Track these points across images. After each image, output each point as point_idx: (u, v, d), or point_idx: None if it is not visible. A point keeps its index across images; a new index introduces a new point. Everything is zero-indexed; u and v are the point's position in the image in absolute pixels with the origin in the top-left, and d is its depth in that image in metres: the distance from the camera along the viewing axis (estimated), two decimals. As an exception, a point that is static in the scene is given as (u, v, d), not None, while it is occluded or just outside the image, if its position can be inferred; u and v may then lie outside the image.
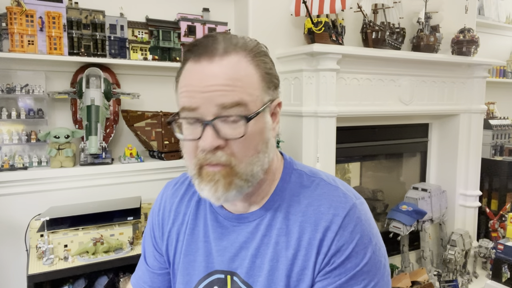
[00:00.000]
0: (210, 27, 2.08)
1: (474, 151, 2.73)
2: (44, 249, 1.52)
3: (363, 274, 0.68)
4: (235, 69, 0.65)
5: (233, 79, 0.65)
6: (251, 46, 0.69)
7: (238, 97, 0.64)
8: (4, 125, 1.76)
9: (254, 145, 0.68)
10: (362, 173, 3.07)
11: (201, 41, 0.68)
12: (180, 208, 0.85)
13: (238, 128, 0.65)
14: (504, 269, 2.44)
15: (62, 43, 1.74)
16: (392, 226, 2.47)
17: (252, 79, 0.67)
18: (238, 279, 0.75)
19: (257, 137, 0.68)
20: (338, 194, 0.73)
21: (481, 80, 2.66)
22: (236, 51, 0.67)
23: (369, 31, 2.25)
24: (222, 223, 0.78)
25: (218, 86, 0.64)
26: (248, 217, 0.76)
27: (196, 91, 0.65)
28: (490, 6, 3.52)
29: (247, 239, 0.75)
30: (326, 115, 1.99)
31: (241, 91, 0.65)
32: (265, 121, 0.70)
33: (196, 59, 0.66)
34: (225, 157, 0.66)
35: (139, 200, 1.79)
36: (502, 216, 2.85)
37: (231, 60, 0.66)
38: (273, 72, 0.73)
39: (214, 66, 0.65)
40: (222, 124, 0.65)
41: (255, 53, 0.69)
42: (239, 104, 0.64)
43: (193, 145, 0.67)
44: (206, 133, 0.64)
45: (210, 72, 0.65)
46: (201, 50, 0.66)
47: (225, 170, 0.66)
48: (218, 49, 0.66)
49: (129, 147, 1.91)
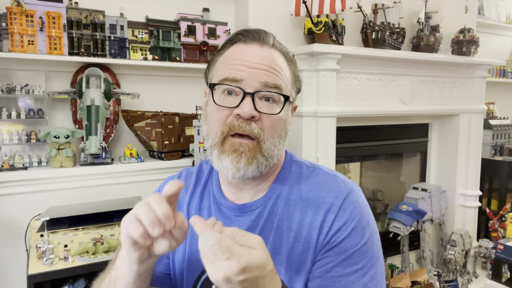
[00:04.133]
0: (210, 27, 2.08)
1: (474, 151, 2.73)
2: (44, 249, 1.52)
3: (361, 254, 0.71)
4: (279, 60, 0.75)
5: (277, 66, 0.74)
6: (287, 51, 0.80)
7: (278, 82, 0.73)
8: (4, 125, 1.76)
9: (280, 129, 0.74)
10: (362, 173, 3.06)
11: (254, 30, 0.77)
12: (184, 199, 0.87)
13: (272, 107, 0.72)
14: (504, 269, 2.44)
15: (62, 43, 1.74)
16: (392, 226, 2.47)
17: (288, 74, 0.77)
18: None
19: (282, 123, 0.75)
20: (337, 181, 0.77)
21: (481, 80, 2.65)
22: (280, 49, 0.78)
23: (369, 31, 2.25)
24: (225, 214, 0.80)
25: (264, 66, 0.72)
26: (251, 207, 0.79)
27: (244, 65, 0.71)
28: (490, 6, 3.52)
29: (250, 227, 0.77)
30: (326, 115, 1.99)
31: (282, 78, 0.74)
32: (288, 115, 0.78)
33: (248, 41, 0.75)
34: (257, 130, 0.71)
35: (139, 200, 1.79)
36: (502, 216, 2.85)
37: (276, 53, 0.76)
38: (299, 77, 0.81)
39: (264, 51, 0.74)
40: (258, 101, 0.72)
41: (289, 57, 0.80)
42: (278, 87, 0.73)
43: (225, 113, 0.72)
44: (246, 102, 0.70)
45: (260, 54, 0.73)
46: (254, 35, 0.75)
47: (252, 144, 0.72)
48: (269, 41, 0.76)
49: (129, 147, 1.91)
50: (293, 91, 0.79)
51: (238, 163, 0.71)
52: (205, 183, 0.87)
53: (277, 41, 0.78)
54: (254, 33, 0.75)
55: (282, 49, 0.78)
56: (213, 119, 0.74)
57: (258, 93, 0.71)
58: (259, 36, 0.75)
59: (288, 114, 0.78)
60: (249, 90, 0.70)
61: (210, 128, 0.75)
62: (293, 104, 0.80)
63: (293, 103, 0.80)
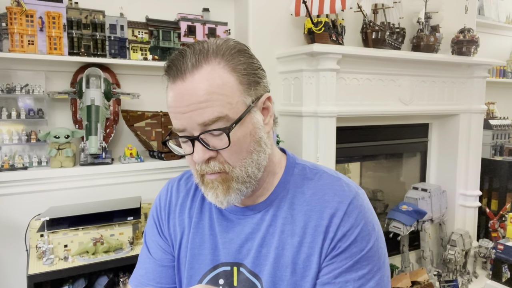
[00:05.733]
0: (210, 27, 2.08)
1: (474, 151, 2.73)
2: (44, 249, 1.52)
3: (368, 259, 0.71)
4: (209, 81, 0.65)
5: (209, 93, 0.65)
6: (223, 50, 0.68)
7: (217, 112, 0.65)
8: (4, 125, 1.76)
9: (245, 148, 0.70)
10: (362, 173, 3.06)
11: (172, 60, 0.68)
12: (185, 202, 0.86)
13: (224, 138, 0.67)
14: (504, 269, 2.44)
15: (62, 43, 1.74)
16: (392, 226, 2.47)
17: (228, 86, 0.67)
18: (245, 270, 0.76)
19: (247, 139, 0.69)
20: (341, 184, 0.76)
21: (481, 80, 2.66)
22: (208, 60, 0.66)
23: (369, 31, 2.25)
24: (228, 217, 0.80)
25: (194, 105, 0.65)
26: (253, 209, 0.78)
27: (178, 112, 0.67)
28: (490, 6, 3.52)
29: (253, 230, 0.76)
30: (326, 115, 1.99)
31: (219, 104, 0.65)
32: (253, 122, 0.70)
33: (172, 80, 0.68)
34: (218, 166, 0.69)
35: (139, 200, 1.79)
36: (502, 216, 2.85)
37: (203, 72, 0.66)
38: (252, 69, 0.71)
39: (187, 84, 0.66)
40: (210, 137, 0.68)
41: (229, 55, 0.68)
42: (219, 118, 0.66)
43: (191, 158, 0.71)
44: (196, 148, 0.68)
45: (185, 92, 0.66)
46: (174, 69, 0.67)
47: (221, 176, 0.71)
48: (188, 65, 0.66)
49: (129, 147, 1.91)
50: (248, 94, 0.69)
51: (217, 197, 0.71)
52: None
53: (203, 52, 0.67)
54: (173, 66, 0.67)
55: (215, 53, 0.67)
56: (188, 163, 0.76)
57: (203, 134, 0.67)
58: (177, 67, 0.67)
59: (253, 120, 0.70)
60: (195, 134, 0.67)
61: (190, 168, 0.77)
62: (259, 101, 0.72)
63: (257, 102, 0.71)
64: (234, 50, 0.69)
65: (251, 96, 0.70)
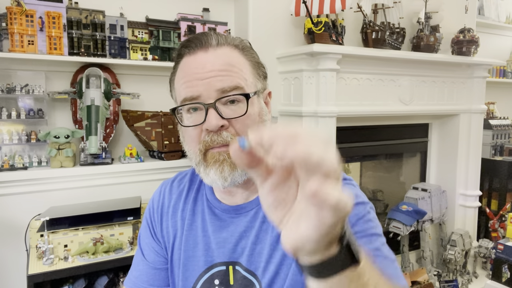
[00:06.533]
0: (210, 27, 2.08)
1: (474, 151, 2.73)
2: (44, 249, 1.52)
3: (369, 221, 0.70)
4: (228, 57, 0.72)
5: (229, 65, 0.70)
6: (238, 41, 0.76)
7: (235, 82, 0.70)
8: (4, 125, 1.76)
9: (256, 124, 0.72)
10: (362, 173, 3.06)
11: (195, 37, 0.73)
12: (178, 204, 0.86)
13: (238, 108, 0.70)
14: (504, 269, 2.44)
15: (62, 43, 1.74)
16: (392, 226, 2.47)
17: (244, 66, 0.73)
18: (240, 268, 0.76)
19: (257, 117, 0.73)
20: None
21: (481, 80, 2.66)
22: (227, 43, 0.73)
23: (369, 31, 2.25)
24: (220, 217, 0.80)
25: (215, 71, 0.69)
26: (245, 208, 0.78)
27: (196, 79, 0.69)
28: (490, 6, 3.52)
29: (246, 228, 0.76)
30: (326, 115, 1.99)
31: (237, 76, 0.70)
32: (261, 106, 0.75)
33: (192, 52, 0.72)
34: (230, 137, 0.69)
35: (139, 200, 1.79)
36: (502, 216, 2.85)
37: (224, 51, 0.72)
38: (261, 62, 0.78)
39: (210, 55, 0.71)
40: (223, 107, 0.69)
41: (242, 46, 0.75)
42: (237, 87, 0.70)
43: (196, 131, 0.71)
44: (210, 115, 0.68)
45: (206, 60, 0.70)
46: (195, 43, 0.72)
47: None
48: (212, 42, 0.72)
49: (129, 147, 1.91)
50: (258, 80, 0.75)
51: (222, 172, 0.70)
52: (198, 187, 0.86)
53: (222, 37, 0.74)
54: (195, 40, 0.72)
55: (232, 42, 0.74)
56: (189, 140, 0.74)
57: (219, 100, 0.69)
58: (201, 41, 0.72)
59: (261, 105, 0.75)
60: (209, 102, 0.69)
61: (189, 148, 0.74)
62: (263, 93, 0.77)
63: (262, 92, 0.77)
64: (246, 45, 0.77)
65: (260, 83, 0.76)
